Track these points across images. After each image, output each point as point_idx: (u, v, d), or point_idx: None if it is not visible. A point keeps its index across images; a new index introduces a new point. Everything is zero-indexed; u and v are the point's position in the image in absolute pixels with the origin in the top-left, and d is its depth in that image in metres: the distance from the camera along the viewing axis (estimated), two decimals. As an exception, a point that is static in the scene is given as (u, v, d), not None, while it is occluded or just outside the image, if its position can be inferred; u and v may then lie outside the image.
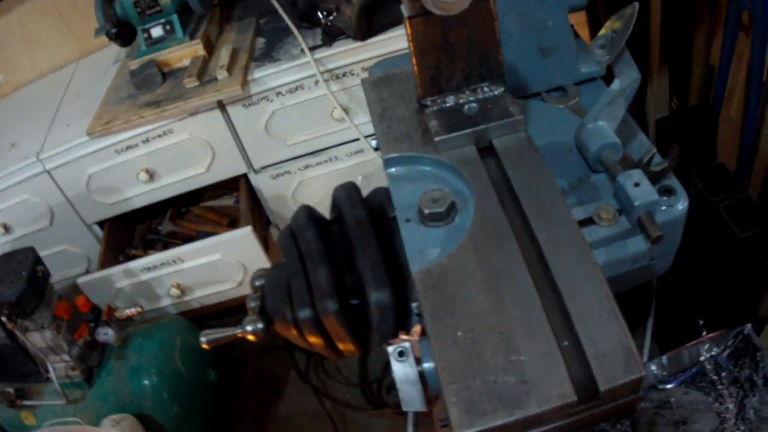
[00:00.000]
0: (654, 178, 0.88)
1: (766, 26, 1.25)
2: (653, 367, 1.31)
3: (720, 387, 1.27)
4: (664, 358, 1.32)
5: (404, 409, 0.77)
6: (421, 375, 0.74)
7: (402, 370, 0.75)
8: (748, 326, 1.27)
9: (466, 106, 0.86)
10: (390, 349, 0.77)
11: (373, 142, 0.95)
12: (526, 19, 0.98)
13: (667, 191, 0.89)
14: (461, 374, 0.62)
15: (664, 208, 0.88)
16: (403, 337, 0.90)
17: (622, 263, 0.86)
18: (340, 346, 0.94)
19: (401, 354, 0.76)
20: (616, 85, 0.88)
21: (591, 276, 0.68)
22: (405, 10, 0.77)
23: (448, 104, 0.87)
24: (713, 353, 1.30)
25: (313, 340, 0.93)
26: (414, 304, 0.77)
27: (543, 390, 0.60)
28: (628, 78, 0.88)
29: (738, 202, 1.40)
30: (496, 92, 0.87)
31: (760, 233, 1.35)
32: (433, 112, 0.87)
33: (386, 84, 0.98)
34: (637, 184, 0.82)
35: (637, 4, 0.89)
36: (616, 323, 0.64)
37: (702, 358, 1.31)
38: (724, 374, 1.28)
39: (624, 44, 0.88)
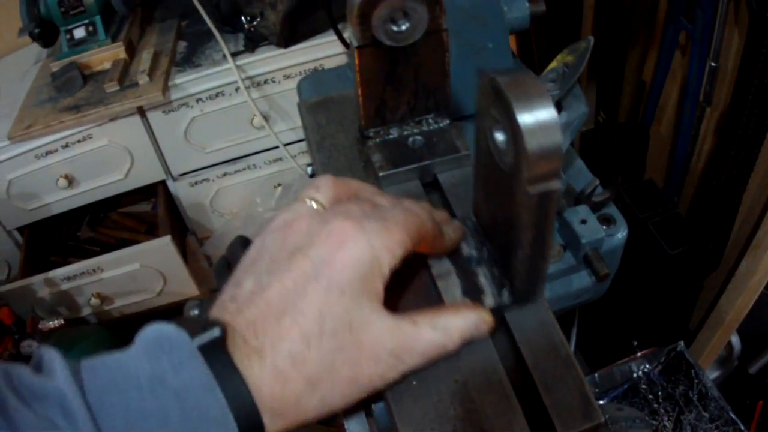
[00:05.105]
0: (594, 208, 0.88)
1: (704, 47, 1.26)
2: (585, 384, 1.32)
3: (655, 404, 1.28)
4: (596, 375, 1.34)
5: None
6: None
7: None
8: (681, 343, 1.29)
9: (411, 139, 0.83)
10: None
11: (309, 169, 0.92)
12: (465, 41, 0.97)
13: (606, 220, 0.88)
14: (418, 424, 0.60)
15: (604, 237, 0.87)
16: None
17: (566, 299, 0.85)
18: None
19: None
20: (563, 117, 0.86)
21: (545, 321, 0.67)
22: (355, 40, 0.74)
23: (391, 136, 0.84)
24: (645, 370, 1.32)
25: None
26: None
27: (504, 439, 0.59)
28: (576, 111, 0.87)
29: (667, 218, 1.42)
30: (441, 125, 0.84)
31: (690, 250, 1.37)
32: (376, 144, 0.83)
33: (323, 109, 0.94)
34: (583, 221, 0.82)
35: (592, 39, 0.88)
36: (572, 369, 0.63)
37: (635, 375, 1.33)
38: (658, 391, 1.30)
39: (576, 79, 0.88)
